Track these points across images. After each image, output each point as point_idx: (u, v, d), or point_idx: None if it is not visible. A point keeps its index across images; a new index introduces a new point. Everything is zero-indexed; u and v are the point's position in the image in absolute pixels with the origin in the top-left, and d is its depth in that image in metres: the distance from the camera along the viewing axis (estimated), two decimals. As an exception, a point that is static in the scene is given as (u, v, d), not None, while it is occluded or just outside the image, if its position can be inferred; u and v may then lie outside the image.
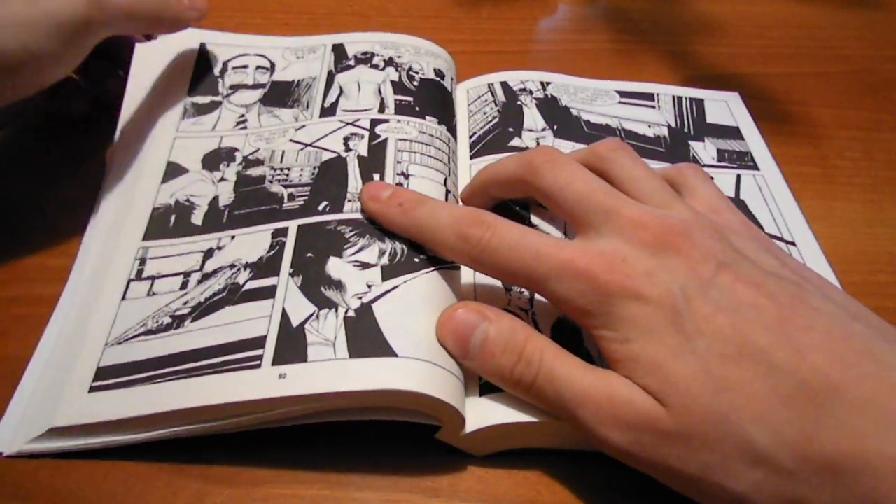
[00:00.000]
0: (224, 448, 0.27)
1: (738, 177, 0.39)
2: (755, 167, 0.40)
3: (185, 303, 0.29)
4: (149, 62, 0.39)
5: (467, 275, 0.31)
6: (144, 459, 0.26)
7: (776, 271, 0.25)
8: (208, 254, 0.31)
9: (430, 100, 0.39)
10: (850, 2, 0.58)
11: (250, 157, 0.35)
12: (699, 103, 0.44)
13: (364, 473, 0.27)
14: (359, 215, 0.31)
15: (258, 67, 0.40)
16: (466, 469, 0.27)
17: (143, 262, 0.31)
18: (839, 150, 0.44)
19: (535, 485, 0.27)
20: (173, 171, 0.35)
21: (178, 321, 0.28)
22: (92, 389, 0.26)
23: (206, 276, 0.30)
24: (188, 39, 0.41)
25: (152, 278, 0.30)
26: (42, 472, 0.26)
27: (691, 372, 0.22)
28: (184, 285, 0.29)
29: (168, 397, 0.26)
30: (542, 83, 0.43)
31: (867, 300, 0.34)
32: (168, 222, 0.32)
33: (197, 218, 0.32)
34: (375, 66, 0.40)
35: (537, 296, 0.30)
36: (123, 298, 0.29)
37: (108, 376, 0.27)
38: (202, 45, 0.41)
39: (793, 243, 0.35)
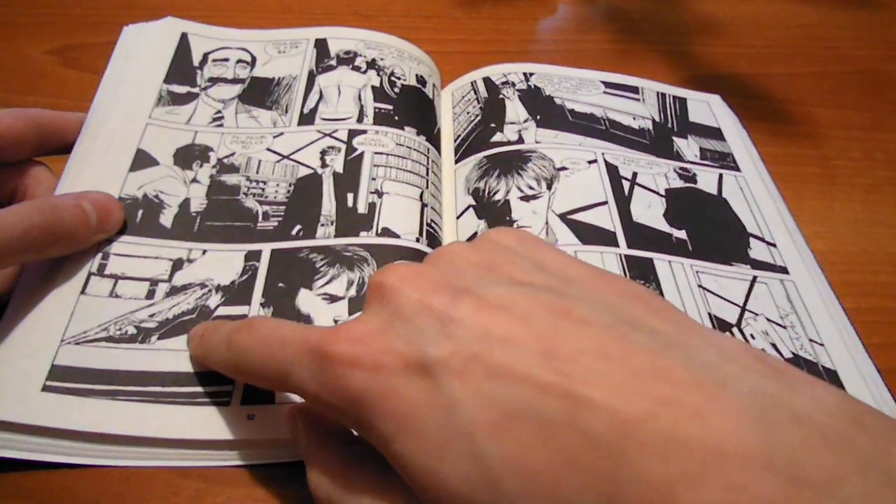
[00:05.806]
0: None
1: (721, 176, 0.38)
2: (736, 168, 0.39)
3: (152, 315, 0.28)
4: (130, 45, 0.38)
5: None
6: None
7: (530, 279, 0.20)
8: (177, 264, 0.30)
9: (410, 109, 0.38)
10: (850, 2, 0.58)
11: (225, 161, 0.34)
12: (682, 102, 0.43)
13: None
14: (330, 242, 0.31)
15: (239, 61, 0.39)
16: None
17: (105, 255, 0.29)
18: (839, 150, 0.43)
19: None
20: (143, 160, 0.33)
21: (144, 334, 0.27)
22: (46, 388, 0.25)
23: (174, 290, 0.29)
24: (169, 28, 0.40)
25: (115, 277, 0.29)
26: (41, 471, 0.25)
27: (463, 472, 0.17)
28: (150, 294, 0.29)
29: (134, 420, 0.25)
30: (524, 74, 0.42)
31: (867, 300, 0.34)
32: (135, 217, 0.31)
33: (166, 219, 0.31)
34: (357, 69, 0.39)
35: None
36: (83, 292, 0.28)
37: (64, 378, 0.26)
38: (183, 35, 0.40)
39: (773, 244, 0.35)
